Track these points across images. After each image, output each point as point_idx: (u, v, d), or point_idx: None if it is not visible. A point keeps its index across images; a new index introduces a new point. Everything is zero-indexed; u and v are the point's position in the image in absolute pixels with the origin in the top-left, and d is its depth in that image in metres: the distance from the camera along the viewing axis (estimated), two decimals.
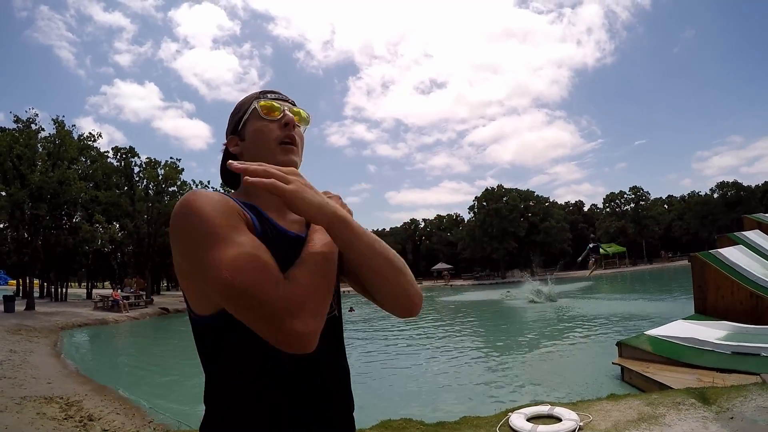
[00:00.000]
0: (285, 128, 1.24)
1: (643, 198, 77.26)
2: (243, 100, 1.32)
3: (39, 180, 26.93)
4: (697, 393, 5.69)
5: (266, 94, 1.30)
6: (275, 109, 1.25)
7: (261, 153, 1.21)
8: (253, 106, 1.26)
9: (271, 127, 1.23)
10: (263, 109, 1.24)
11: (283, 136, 1.23)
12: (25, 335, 16.52)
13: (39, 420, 7.00)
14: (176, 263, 1.06)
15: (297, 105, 1.34)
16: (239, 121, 1.28)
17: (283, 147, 1.23)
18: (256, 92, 1.31)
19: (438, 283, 70.30)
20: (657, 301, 23.50)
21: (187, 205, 1.01)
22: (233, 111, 1.33)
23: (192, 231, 0.99)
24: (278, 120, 1.24)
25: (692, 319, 11.17)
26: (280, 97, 1.31)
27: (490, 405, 7.89)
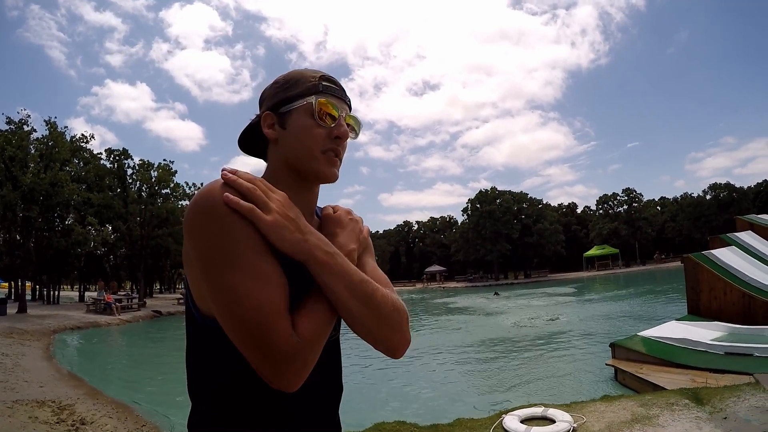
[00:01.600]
0: (334, 140, 1.12)
1: (636, 200, 77.47)
2: (297, 77, 1.16)
3: (31, 182, 26.77)
4: (690, 393, 5.71)
5: (327, 86, 1.14)
6: (332, 115, 1.12)
7: (301, 155, 1.12)
8: (308, 101, 1.11)
9: (320, 132, 1.11)
10: (320, 112, 1.11)
11: (330, 147, 1.12)
12: (17, 338, 16.42)
13: (31, 424, 6.96)
14: (186, 252, 1.00)
15: (351, 109, 1.21)
16: (285, 101, 1.13)
17: (327, 157, 1.12)
18: (316, 75, 1.16)
19: (431, 285, 70.39)
20: (650, 302, 23.59)
21: (210, 204, 0.95)
22: (282, 82, 1.17)
23: (211, 240, 0.95)
24: (330, 128, 1.12)
25: (685, 319, 11.24)
26: (338, 93, 1.16)
27: (483, 407, 7.90)
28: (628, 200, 77.49)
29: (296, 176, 1.14)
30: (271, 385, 0.93)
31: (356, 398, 9.15)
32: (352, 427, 5.91)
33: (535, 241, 71.71)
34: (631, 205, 76.96)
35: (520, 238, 71.56)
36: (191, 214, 0.96)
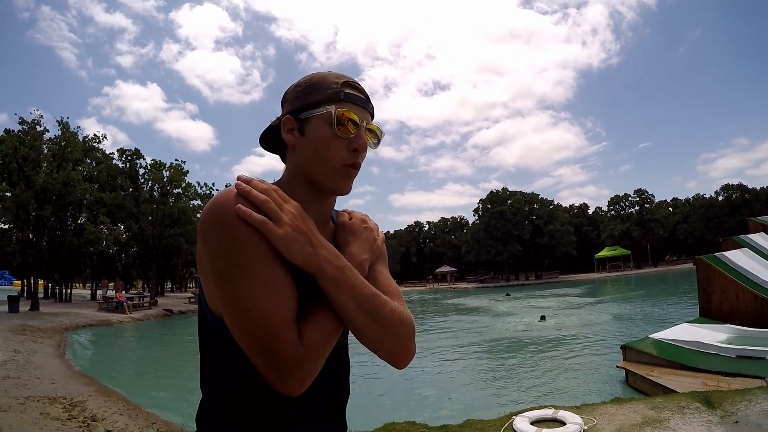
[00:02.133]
0: (353, 153, 1.09)
1: (648, 201, 77.00)
2: (318, 81, 1.12)
3: (44, 181, 26.98)
4: (701, 397, 5.66)
5: (349, 93, 1.10)
6: (351, 126, 1.08)
7: (316, 166, 1.09)
8: (329, 110, 1.07)
9: (339, 144, 1.08)
10: (339, 122, 1.07)
11: (349, 160, 1.09)
12: (30, 335, 16.56)
13: (42, 420, 7.01)
14: (198, 255, 1.01)
15: (374, 115, 1.18)
16: (305, 108, 1.10)
17: (345, 170, 1.10)
18: (338, 80, 1.11)
19: (442, 286, 70.30)
20: (661, 305, 23.43)
21: (223, 213, 0.96)
22: (304, 86, 1.13)
23: (222, 248, 0.96)
24: (349, 139, 1.08)
25: (697, 322, 11.14)
26: (361, 101, 1.12)
27: (494, 408, 7.89)
28: (640, 201, 77.05)
29: (310, 186, 1.13)
30: (276, 390, 0.94)
31: (366, 398, 9.14)
32: (363, 427, 5.93)
33: (546, 242, 71.48)
34: (642, 206, 76.52)
35: (531, 239, 71.38)
36: (204, 221, 0.97)
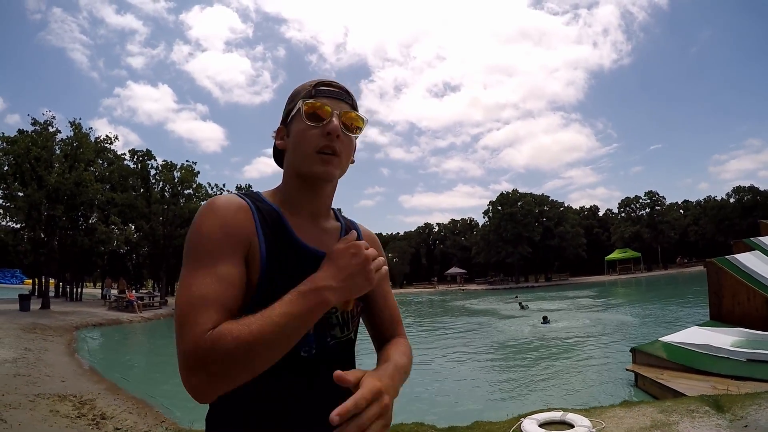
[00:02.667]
0: (327, 137, 1.15)
1: (659, 203, 76.49)
2: (297, 89, 1.24)
3: (56, 181, 27.18)
4: (711, 400, 5.64)
5: (319, 88, 1.20)
6: (320, 113, 1.16)
7: (298, 159, 1.18)
8: (298, 105, 1.18)
9: (313, 133, 1.15)
10: (306, 112, 1.16)
11: (323, 145, 1.15)
12: (40, 334, 16.68)
13: (52, 417, 7.07)
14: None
15: (356, 107, 1.25)
16: (288, 113, 1.23)
17: (321, 156, 1.15)
18: (311, 83, 1.22)
19: (452, 288, 70.17)
20: (672, 307, 23.28)
21: (197, 217, 1.09)
22: (289, 98, 1.25)
23: (187, 243, 1.07)
24: (320, 127, 1.15)
25: (707, 325, 11.07)
26: (334, 94, 1.20)
27: (502, 410, 7.87)
28: (651, 203, 76.54)
29: (302, 180, 1.21)
30: (186, 387, 0.93)
31: None
32: None
33: (556, 243, 71.25)
34: (653, 208, 76.01)
35: (541, 240, 71.17)
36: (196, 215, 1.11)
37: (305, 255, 1.15)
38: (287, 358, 1.02)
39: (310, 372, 1.12)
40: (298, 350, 1.08)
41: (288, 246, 1.14)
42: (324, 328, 1.16)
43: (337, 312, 1.19)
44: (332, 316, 1.18)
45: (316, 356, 1.14)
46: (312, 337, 1.13)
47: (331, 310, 1.17)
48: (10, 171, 27.61)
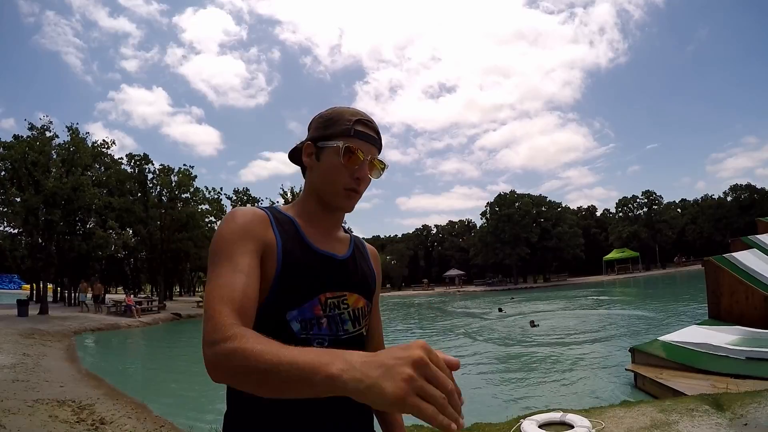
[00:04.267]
0: (356, 181, 1.27)
1: (656, 202, 76.54)
2: (336, 117, 1.30)
3: (53, 186, 27.17)
4: (710, 399, 5.64)
5: (359, 131, 1.28)
6: (355, 157, 1.26)
7: (325, 188, 1.29)
8: (338, 144, 1.26)
9: (345, 172, 1.26)
10: (346, 156, 1.25)
11: (351, 185, 1.27)
12: (39, 339, 16.65)
13: (51, 423, 7.05)
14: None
15: (381, 148, 1.36)
16: (322, 138, 1.29)
17: (348, 193, 1.28)
18: (353, 117, 1.29)
19: (450, 290, 70.13)
20: (671, 306, 23.29)
21: (219, 225, 1.21)
22: (323, 121, 1.32)
23: (211, 248, 1.17)
24: (353, 170, 1.26)
25: (706, 324, 11.08)
26: (370, 139, 1.30)
27: (501, 412, 7.87)
28: (648, 203, 76.62)
29: (321, 202, 1.33)
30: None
31: None
32: None
33: (554, 244, 71.22)
34: (650, 207, 76.08)
35: (539, 241, 71.13)
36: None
37: (317, 257, 1.26)
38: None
39: None
40: (310, 342, 1.19)
41: (301, 248, 1.24)
42: (337, 322, 1.26)
43: (348, 308, 1.29)
44: (344, 312, 1.28)
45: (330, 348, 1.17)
46: (325, 330, 1.23)
47: (344, 306, 1.28)
48: (7, 176, 27.60)
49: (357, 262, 1.38)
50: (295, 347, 0.89)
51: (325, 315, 1.23)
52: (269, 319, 1.15)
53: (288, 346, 0.90)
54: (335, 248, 1.33)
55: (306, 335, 1.19)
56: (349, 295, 1.30)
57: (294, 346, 0.89)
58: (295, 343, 1.00)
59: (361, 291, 1.34)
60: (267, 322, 1.13)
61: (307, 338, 1.19)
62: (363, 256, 1.44)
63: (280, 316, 1.18)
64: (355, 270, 1.35)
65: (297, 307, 1.19)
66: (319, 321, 1.22)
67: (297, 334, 1.18)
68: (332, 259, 1.29)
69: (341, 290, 1.28)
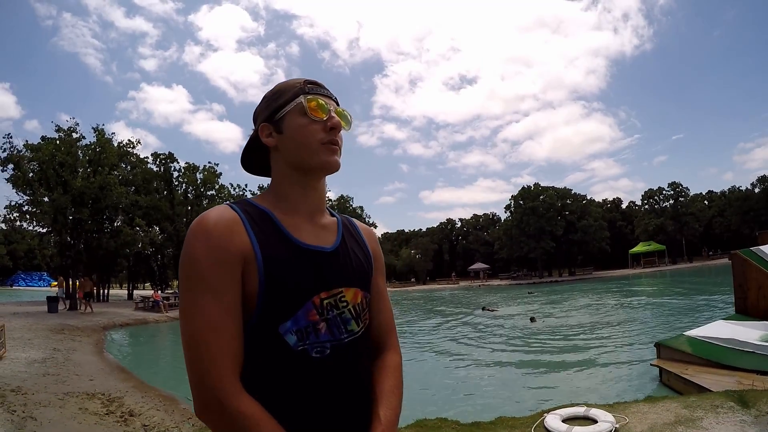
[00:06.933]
0: (330, 132, 1.20)
1: (683, 194, 75.18)
2: (283, 87, 1.25)
3: (81, 185, 27.72)
4: (736, 396, 5.57)
5: (312, 87, 1.24)
6: (322, 110, 1.20)
7: (302, 152, 1.20)
8: (298, 101, 1.20)
9: (315, 128, 1.19)
10: (311, 108, 1.19)
11: (327, 138, 1.20)
12: (68, 334, 16.99)
13: (81, 415, 7.22)
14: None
15: (339, 102, 1.30)
16: (277, 109, 1.22)
17: (327, 147, 1.20)
18: (299, 81, 1.25)
19: (474, 283, 69.95)
20: (697, 301, 22.94)
21: (188, 239, 1.09)
22: (270, 95, 1.26)
23: (183, 267, 1.09)
24: (323, 122, 1.20)
25: (733, 319, 10.89)
26: (326, 93, 1.26)
27: (525, 405, 7.87)
28: (674, 195, 75.27)
29: (301, 174, 1.23)
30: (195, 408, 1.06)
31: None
32: None
33: (579, 237, 70.49)
34: (677, 199, 74.74)
35: (564, 234, 70.47)
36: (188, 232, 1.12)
37: (304, 254, 1.16)
38: (298, 363, 1.10)
39: (326, 374, 1.13)
40: (309, 353, 1.11)
41: (283, 248, 1.14)
42: (338, 324, 1.17)
43: (348, 305, 1.20)
44: (344, 311, 1.19)
45: (330, 356, 1.14)
46: (325, 335, 1.14)
47: (343, 304, 1.19)
48: (35, 177, 28.16)
49: (350, 249, 1.28)
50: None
51: (322, 319, 1.14)
52: (260, 336, 1.09)
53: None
54: (322, 238, 1.22)
55: (303, 346, 1.10)
56: (347, 290, 1.20)
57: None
58: (291, 358, 1.09)
59: (358, 283, 1.24)
60: (259, 340, 1.09)
61: (305, 349, 1.10)
62: (355, 240, 1.33)
63: (272, 331, 1.09)
64: (349, 260, 1.25)
65: (290, 317, 1.09)
66: (316, 327, 1.12)
67: (294, 347, 1.09)
68: (321, 253, 1.18)
69: (337, 287, 1.18)
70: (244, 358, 1.07)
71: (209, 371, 1.01)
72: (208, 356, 1.01)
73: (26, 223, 31.05)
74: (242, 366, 1.06)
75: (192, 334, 1.04)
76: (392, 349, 1.35)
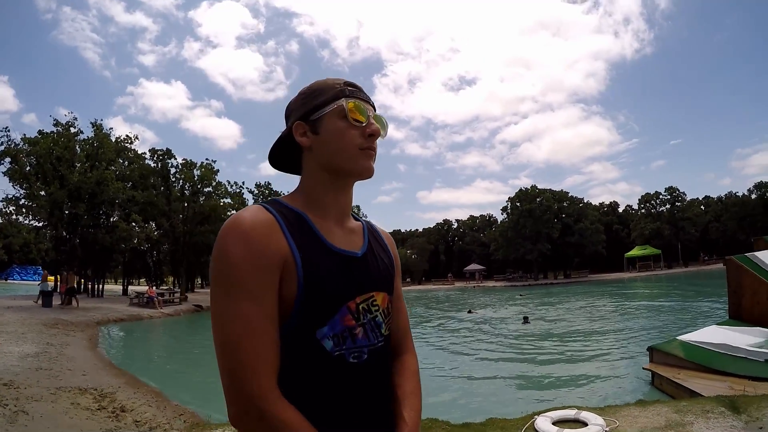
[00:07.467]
0: (368, 138, 1.19)
1: (680, 199, 75.47)
2: (322, 86, 1.23)
3: (78, 180, 27.70)
4: (727, 401, 5.59)
5: (352, 90, 1.21)
6: (363, 114, 1.19)
7: (338, 157, 1.18)
8: (339, 104, 1.18)
9: (354, 133, 1.17)
10: (351, 111, 1.17)
11: (365, 144, 1.18)
12: (62, 329, 16.94)
13: (73, 410, 7.22)
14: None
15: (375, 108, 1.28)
16: (315, 109, 1.20)
17: (365, 152, 1.19)
18: (339, 81, 1.23)
19: (469, 284, 70.02)
20: (691, 306, 23.01)
21: (224, 239, 1.06)
22: (308, 93, 1.24)
23: (219, 267, 1.06)
24: (363, 127, 1.19)
25: (726, 324, 10.91)
26: (365, 97, 1.23)
27: (516, 407, 7.86)
28: (671, 199, 75.60)
29: (334, 178, 1.21)
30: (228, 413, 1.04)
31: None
32: None
33: (575, 240, 70.61)
34: (674, 204, 75.06)
35: (560, 237, 70.57)
36: (213, 248, 1.09)
37: (339, 260, 1.15)
38: (335, 368, 1.10)
39: (362, 379, 1.15)
40: (346, 359, 1.12)
41: (320, 252, 1.13)
42: (374, 328, 1.18)
43: (379, 309, 1.21)
44: (377, 315, 1.20)
45: (367, 361, 1.16)
46: (363, 340, 1.15)
47: (375, 308, 1.19)
48: (32, 171, 28.13)
49: (376, 255, 1.28)
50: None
51: (359, 324, 1.14)
52: (297, 341, 1.08)
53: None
54: (352, 243, 1.22)
55: (340, 351, 1.10)
56: (377, 294, 1.21)
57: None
58: (329, 363, 1.09)
59: (385, 287, 1.25)
60: (296, 346, 1.08)
61: (342, 354, 1.11)
62: (380, 244, 1.33)
63: (310, 337, 1.08)
64: (376, 264, 1.25)
65: (327, 322, 1.09)
66: (352, 332, 1.13)
67: (331, 352, 1.09)
68: (353, 258, 1.18)
69: (369, 291, 1.19)
70: (280, 363, 1.06)
71: (249, 379, 1.00)
72: (248, 363, 1.00)
73: (22, 217, 31.07)
74: (279, 372, 1.06)
75: (229, 340, 1.02)
76: (410, 352, 1.38)
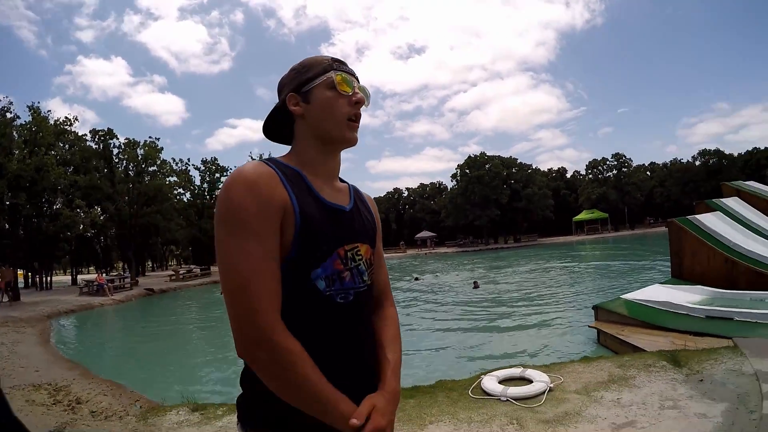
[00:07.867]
0: (355, 106, 1.34)
1: (626, 165, 77.55)
2: (312, 61, 1.37)
3: (17, 168, 26.57)
4: (668, 356, 5.81)
5: (339, 64, 1.37)
6: (348, 85, 1.34)
7: (327, 124, 1.33)
8: (328, 76, 1.33)
9: (342, 102, 1.33)
10: (338, 83, 1.32)
11: (352, 113, 1.34)
12: (12, 327, 16.45)
13: (28, 407, 7.06)
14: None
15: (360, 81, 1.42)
16: (306, 81, 1.34)
17: (350, 124, 1.34)
18: (327, 58, 1.38)
19: (422, 251, 70.42)
20: (636, 266, 23.84)
21: (229, 187, 1.18)
22: (299, 68, 1.38)
23: (224, 213, 1.17)
24: (349, 96, 1.34)
25: (668, 283, 11.36)
26: (350, 70, 1.38)
27: (466, 369, 8.02)
28: (618, 165, 77.65)
29: (323, 144, 1.36)
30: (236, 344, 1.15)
31: None
32: None
33: (524, 205, 71.90)
34: (620, 170, 77.14)
35: (509, 203, 71.66)
36: (218, 199, 1.22)
37: (329, 210, 1.30)
38: (326, 306, 1.25)
39: (347, 318, 1.29)
40: (334, 298, 1.26)
41: (314, 204, 1.27)
42: (358, 274, 1.33)
43: (362, 258, 1.36)
44: (360, 264, 1.34)
45: (353, 302, 1.30)
46: (349, 283, 1.30)
47: (359, 257, 1.34)
48: None
49: (361, 212, 1.43)
50: (329, 387, 1.15)
51: (347, 268, 1.29)
52: (293, 280, 1.21)
53: (323, 380, 1.15)
54: (340, 199, 1.37)
55: (330, 291, 1.25)
56: (361, 245, 1.36)
57: (328, 384, 1.15)
58: (320, 301, 1.24)
59: (368, 240, 1.40)
60: (291, 283, 1.20)
61: (331, 294, 1.25)
62: (364, 205, 1.49)
63: (305, 277, 1.22)
64: (361, 220, 1.41)
65: (320, 264, 1.24)
66: (340, 275, 1.28)
67: (323, 292, 1.24)
68: (342, 211, 1.34)
69: (354, 242, 1.34)
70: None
71: (258, 311, 1.11)
72: (257, 296, 1.12)
73: None
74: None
75: (238, 276, 1.13)
76: (390, 303, 1.57)
